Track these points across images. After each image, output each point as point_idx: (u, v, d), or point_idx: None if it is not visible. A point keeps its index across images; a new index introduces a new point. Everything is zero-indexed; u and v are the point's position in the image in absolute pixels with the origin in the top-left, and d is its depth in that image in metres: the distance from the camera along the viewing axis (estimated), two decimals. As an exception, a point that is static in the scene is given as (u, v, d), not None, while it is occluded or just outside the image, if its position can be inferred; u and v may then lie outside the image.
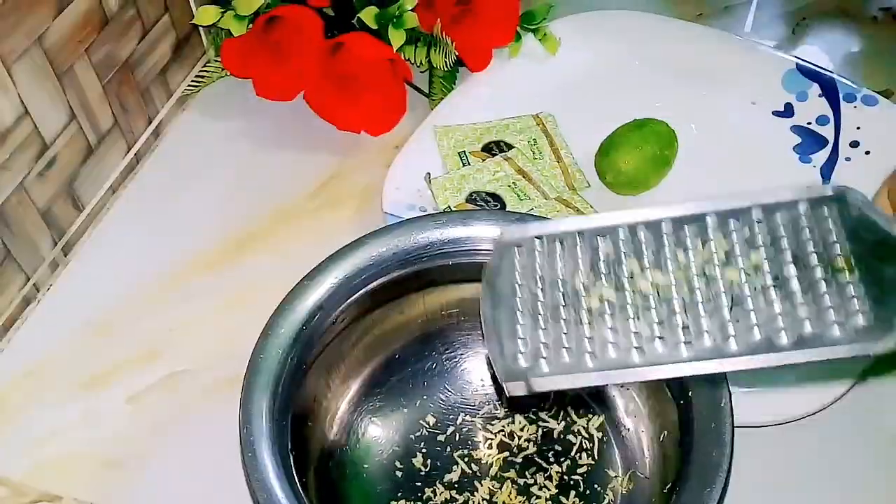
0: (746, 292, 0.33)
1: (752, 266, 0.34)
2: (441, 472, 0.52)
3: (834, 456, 0.54)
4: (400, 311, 0.54)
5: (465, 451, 0.53)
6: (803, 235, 0.34)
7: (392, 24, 0.69)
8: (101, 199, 0.68)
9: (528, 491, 0.51)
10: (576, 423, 0.52)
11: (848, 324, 0.31)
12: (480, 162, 0.67)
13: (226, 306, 0.62)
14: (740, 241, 0.34)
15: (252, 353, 0.47)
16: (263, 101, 0.73)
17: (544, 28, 0.74)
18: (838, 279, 0.32)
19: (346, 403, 0.54)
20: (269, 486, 0.42)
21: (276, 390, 0.46)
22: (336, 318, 0.50)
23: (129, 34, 0.67)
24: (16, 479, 0.54)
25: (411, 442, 0.53)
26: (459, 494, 0.51)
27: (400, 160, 0.66)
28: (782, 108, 0.70)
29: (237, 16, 0.70)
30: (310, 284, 0.49)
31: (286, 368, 0.46)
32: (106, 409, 0.57)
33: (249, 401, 0.45)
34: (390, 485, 0.51)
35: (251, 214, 0.67)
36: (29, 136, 0.59)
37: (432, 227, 0.51)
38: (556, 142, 0.69)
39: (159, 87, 0.72)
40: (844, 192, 0.34)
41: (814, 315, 0.32)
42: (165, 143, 0.73)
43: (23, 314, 0.62)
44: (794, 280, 0.33)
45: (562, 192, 0.65)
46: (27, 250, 0.61)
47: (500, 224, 0.50)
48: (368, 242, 0.50)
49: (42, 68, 0.59)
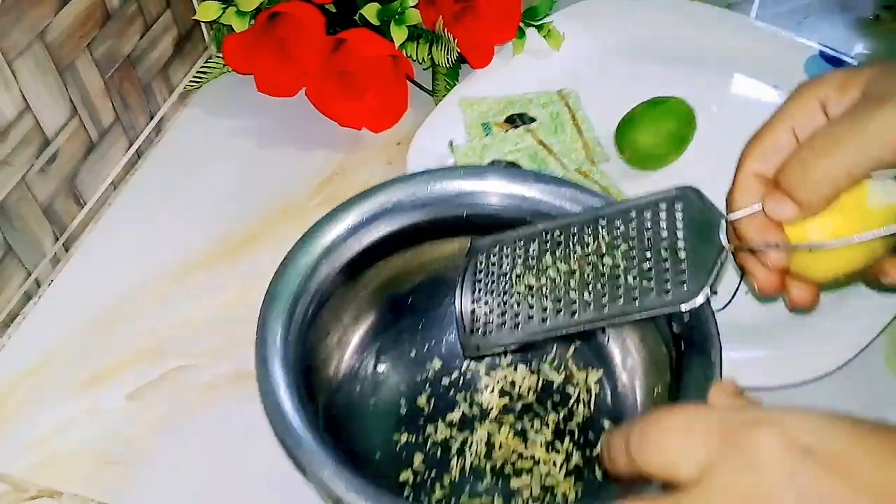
0: (616, 272, 0.45)
1: (621, 254, 0.46)
2: (443, 412, 0.54)
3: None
4: (414, 257, 0.55)
5: (468, 395, 0.55)
6: (658, 227, 0.45)
7: (394, 21, 0.69)
8: (102, 194, 0.68)
9: (525, 435, 0.53)
10: (575, 376, 0.55)
11: (673, 290, 0.43)
12: (503, 133, 0.69)
13: (227, 303, 0.62)
14: (617, 235, 0.46)
15: (271, 280, 0.49)
16: (265, 98, 0.73)
17: (548, 25, 0.74)
18: (676, 258, 0.44)
19: (357, 341, 0.56)
20: (278, 398, 0.44)
21: (291, 316, 0.48)
22: (352, 257, 0.52)
23: (131, 30, 0.67)
24: (16, 475, 0.54)
25: (417, 382, 0.55)
26: (459, 433, 0.53)
27: (425, 128, 0.68)
28: None
29: (239, 12, 0.70)
30: (330, 221, 0.51)
31: (302, 297, 0.49)
32: (106, 405, 0.57)
33: (265, 323, 0.47)
34: (394, 419, 0.54)
35: (253, 211, 0.67)
36: (30, 131, 0.59)
37: (451, 178, 0.53)
38: (577, 117, 0.70)
39: (161, 83, 0.72)
40: (684, 191, 0.45)
41: (655, 286, 0.44)
42: (167, 139, 0.73)
43: (24, 310, 0.62)
44: (646, 262, 0.44)
45: (581, 165, 0.67)
46: (28, 246, 0.61)
47: (515, 181, 0.53)
48: (388, 187, 0.52)
49: (44, 64, 0.59)
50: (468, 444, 0.53)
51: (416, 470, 0.52)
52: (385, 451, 0.53)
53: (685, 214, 0.45)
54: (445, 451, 0.53)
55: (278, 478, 0.54)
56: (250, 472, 0.54)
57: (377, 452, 0.53)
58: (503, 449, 0.53)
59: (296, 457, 0.43)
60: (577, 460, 0.52)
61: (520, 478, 0.51)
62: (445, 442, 0.53)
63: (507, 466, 0.52)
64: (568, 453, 0.52)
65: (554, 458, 0.52)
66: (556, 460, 0.52)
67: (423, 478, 0.52)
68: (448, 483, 0.52)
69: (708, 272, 0.42)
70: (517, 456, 0.52)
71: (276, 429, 0.44)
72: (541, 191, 0.52)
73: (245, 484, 0.54)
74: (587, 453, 0.52)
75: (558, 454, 0.52)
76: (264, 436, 0.56)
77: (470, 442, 0.53)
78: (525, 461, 0.52)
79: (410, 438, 0.53)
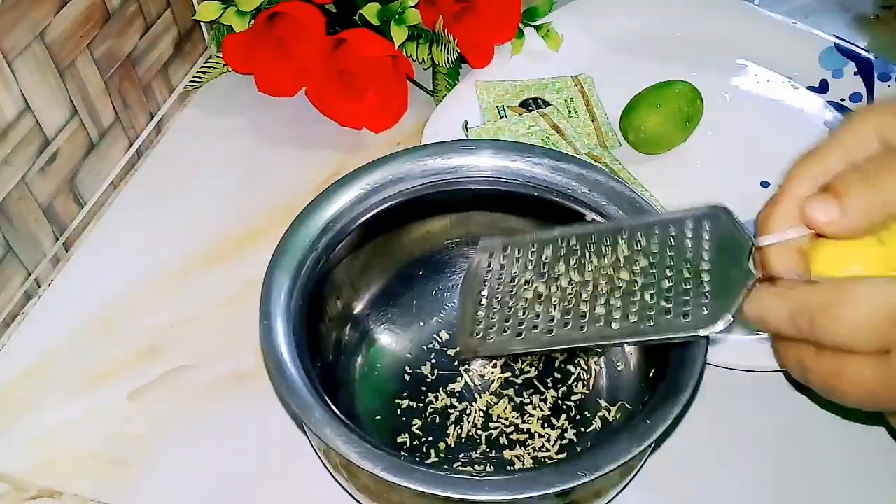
0: (632, 289, 0.43)
1: (640, 270, 0.43)
2: (445, 382, 0.55)
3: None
4: (426, 229, 0.57)
5: (471, 367, 0.56)
6: (683, 246, 0.43)
7: (394, 21, 0.69)
8: (102, 194, 0.68)
9: (523, 409, 0.54)
10: (577, 356, 0.55)
11: (693, 313, 0.40)
12: (517, 116, 0.70)
13: (227, 302, 0.62)
14: (638, 249, 0.44)
15: (281, 238, 0.49)
16: (265, 98, 0.73)
17: (547, 25, 0.74)
18: (699, 280, 0.41)
19: (366, 306, 0.57)
20: (278, 350, 0.45)
21: (299, 273, 0.49)
22: (365, 220, 0.53)
23: (131, 30, 0.67)
24: (17, 475, 0.54)
25: (423, 352, 0.56)
26: (459, 403, 0.54)
27: (440, 109, 0.70)
28: (817, 83, 0.72)
29: (239, 12, 0.70)
30: (343, 186, 0.52)
31: (310, 257, 0.50)
32: (107, 405, 0.57)
33: (271, 276, 0.48)
34: (398, 385, 0.55)
35: (252, 211, 0.67)
36: (30, 131, 0.59)
37: (461, 152, 0.54)
38: (591, 102, 0.72)
39: (161, 83, 0.72)
40: (715, 209, 0.43)
41: (673, 307, 0.41)
42: (167, 138, 0.73)
43: (24, 309, 0.62)
44: (666, 280, 0.42)
45: (592, 149, 0.68)
46: (28, 246, 0.61)
47: (523, 158, 0.53)
48: (400, 157, 0.54)
49: (44, 63, 0.59)
50: (467, 414, 0.54)
51: (415, 434, 0.53)
52: (386, 415, 0.54)
53: (712, 235, 0.42)
54: (444, 419, 0.54)
55: (280, 477, 0.54)
56: (251, 471, 0.54)
57: (379, 415, 0.54)
58: (500, 421, 0.54)
59: (288, 403, 0.44)
60: (570, 436, 0.53)
61: (513, 450, 0.52)
62: (445, 410, 0.54)
63: (502, 438, 0.53)
64: (563, 429, 0.53)
65: (549, 432, 0.53)
66: (551, 435, 0.53)
67: (421, 442, 0.53)
68: (444, 449, 0.53)
69: (733, 298, 0.39)
70: (513, 428, 0.53)
71: (272, 373, 0.45)
72: (551, 168, 0.53)
73: (246, 483, 0.54)
74: (581, 430, 0.53)
75: (553, 430, 0.53)
76: (265, 435, 0.56)
77: (469, 412, 0.54)
78: (520, 434, 0.53)
79: (412, 404, 0.54)
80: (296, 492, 0.53)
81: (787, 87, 0.72)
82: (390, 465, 0.41)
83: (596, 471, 0.41)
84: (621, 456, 0.41)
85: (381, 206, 0.53)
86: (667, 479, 0.53)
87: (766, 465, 0.54)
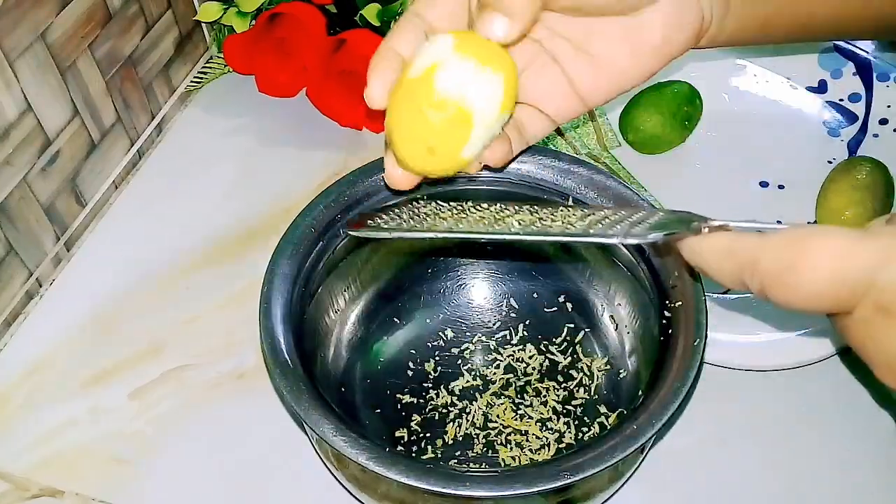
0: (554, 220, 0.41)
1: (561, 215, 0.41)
2: (448, 379, 0.56)
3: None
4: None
5: (474, 367, 0.56)
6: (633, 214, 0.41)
7: (394, 21, 0.69)
8: (103, 194, 0.68)
9: (522, 411, 0.54)
10: (581, 361, 0.56)
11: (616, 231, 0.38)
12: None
13: (228, 302, 0.62)
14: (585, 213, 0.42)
15: (281, 238, 0.50)
16: (266, 98, 0.73)
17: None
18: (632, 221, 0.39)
19: (368, 304, 0.57)
20: (274, 331, 0.45)
21: (299, 272, 0.49)
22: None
23: (132, 30, 0.67)
24: (18, 474, 0.54)
25: (427, 349, 0.57)
26: (460, 401, 0.55)
27: None
28: (816, 84, 0.72)
29: (240, 12, 0.70)
30: (343, 186, 0.52)
31: (311, 256, 0.50)
32: (108, 404, 0.57)
33: (271, 276, 0.48)
34: (401, 380, 0.56)
35: (253, 211, 0.67)
36: (32, 131, 0.59)
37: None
38: None
39: (162, 83, 0.72)
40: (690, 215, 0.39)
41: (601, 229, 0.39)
42: (168, 139, 0.73)
43: (25, 309, 0.62)
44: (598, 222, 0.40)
45: (592, 150, 0.68)
46: (30, 245, 0.61)
47: (522, 158, 0.53)
48: None
49: (45, 64, 0.59)
50: (466, 412, 0.54)
51: (413, 430, 0.53)
52: (387, 409, 0.54)
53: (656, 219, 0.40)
54: (443, 417, 0.54)
55: (280, 476, 0.54)
56: (251, 471, 0.55)
57: (380, 408, 0.54)
58: (499, 421, 0.54)
59: (283, 394, 0.44)
60: (568, 440, 0.53)
61: (510, 451, 0.53)
62: (445, 407, 0.54)
63: (500, 438, 0.53)
64: (560, 433, 0.53)
65: (547, 435, 0.53)
66: (549, 438, 0.53)
67: (419, 437, 0.53)
68: (441, 446, 0.53)
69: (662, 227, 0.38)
70: (511, 430, 0.54)
71: (271, 371, 0.45)
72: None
73: (246, 482, 0.54)
74: (579, 435, 0.53)
75: (551, 433, 0.53)
76: (265, 435, 0.56)
77: (469, 410, 0.54)
78: (518, 435, 0.53)
79: (412, 400, 0.55)
80: (296, 490, 0.54)
81: (786, 87, 0.72)
82: (374, 456, 0.41)
83: (579, 472, 0.41)
84: (605, 459, 0.41)
85: (382, 206, 0.53)
86: (667, 477, 0.54)
87: (765, 465, 0.54)
